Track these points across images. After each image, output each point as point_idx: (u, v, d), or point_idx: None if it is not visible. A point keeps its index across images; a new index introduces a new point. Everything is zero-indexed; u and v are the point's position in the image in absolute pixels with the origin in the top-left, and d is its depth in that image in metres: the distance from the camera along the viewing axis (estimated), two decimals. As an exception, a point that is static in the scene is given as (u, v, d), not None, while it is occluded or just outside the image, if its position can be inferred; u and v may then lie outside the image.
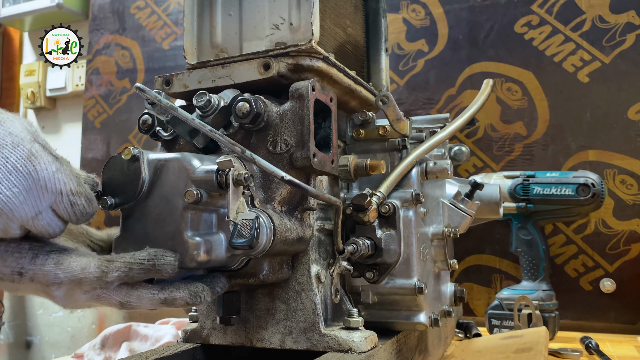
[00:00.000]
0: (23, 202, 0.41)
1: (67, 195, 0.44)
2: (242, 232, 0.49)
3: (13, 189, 0.40)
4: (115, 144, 1.78)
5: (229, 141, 0.50)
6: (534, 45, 1.29)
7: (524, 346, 0.85)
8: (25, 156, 0.41)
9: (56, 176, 0.43)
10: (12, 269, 0.45)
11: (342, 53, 0.73)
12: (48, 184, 0.42)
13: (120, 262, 0.45)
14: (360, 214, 0.64)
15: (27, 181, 0.41)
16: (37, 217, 0.43)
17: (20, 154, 0.41)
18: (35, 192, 0.42)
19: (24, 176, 0.41)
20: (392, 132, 0.68)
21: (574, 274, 1.21)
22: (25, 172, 0.41)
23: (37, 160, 0.42)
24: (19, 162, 0.41)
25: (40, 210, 0.43)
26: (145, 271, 0.46)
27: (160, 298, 0.48)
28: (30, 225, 0.44)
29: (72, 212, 0.45)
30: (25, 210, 0.42)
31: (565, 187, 1.09)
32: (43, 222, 0.44)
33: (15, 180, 0.40)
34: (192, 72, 0.63)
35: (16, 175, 0.41)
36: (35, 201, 0.42)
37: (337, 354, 0.58)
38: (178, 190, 0.50)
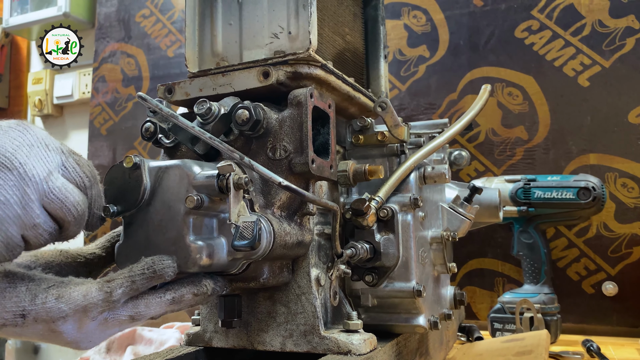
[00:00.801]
0: (29, 155, 0.42)
1: (70, 153, 0.46)
2: (244, 234, 0.50)
3: (15, 142, 0.42)
4: (121, 150, 1.80)
5: (228, 148, 0.52)
6: (535, 50, 1.30)
7: (524, 349, 0.86)
8: (17, 123, 0.44)
9: (51, 138, 0.45)
10: (13, 313, 0.44)
11: (341, 60, 0.74)
12: (47, 142, 0.44)
13: (121, 278, 0.46)
14: (359, 218, 0.65)
15: (25, 137, 0.43)
16: (51, 178, 0.43)
17: (13, 122, 0.44)
18: (38, 148, 0.43)
19: (21, 133, 0.43)
20: (390, 138, 0.69)
21: (575, 277, 1.21)
22: (21, 129, 0.43)
23: (28, 126, 0.44)
24: (13, 125, 0.43)
25: (49, 169, 0.43)
26: (148, 279, 0.47)
27: (168, 298, 0.49)
28: (48, 193, 0.43)
29: (81, 170, 0.47)
30: (34, 166, 0.42)
31: (566, 190, 1.09)
32: (59, 183, 0.44)
33: (15, 135, 0.42)
34: (194, 81, 0.64)
35: (14, 132, 0.43)
36: (42, 157, 0.43)
37: (336, 357, 0.59)
38: (179, 196, 0.51)
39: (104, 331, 0.48)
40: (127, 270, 0.47)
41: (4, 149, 0.41)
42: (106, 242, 0.59)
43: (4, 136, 0.41)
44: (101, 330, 0.47)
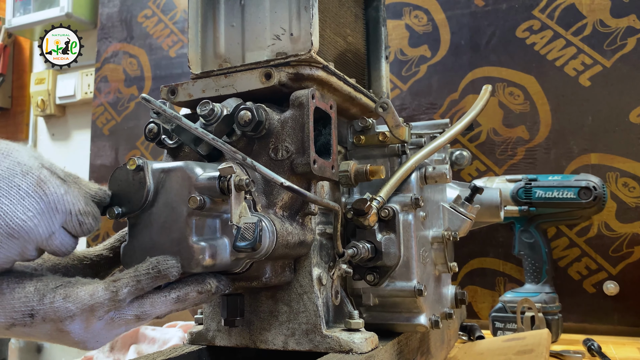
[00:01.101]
0: (37, 224, 0.44)
1: (76, 215, 0.47)
2: (245, 235, 0.50)
3: (27, 213, 0.43)
4: (124, 150, 1.81)
5: (230, 149, 0.52)
6: (536, 50, 1.30)
7: (525, 348, 0.86)
8: (35, 182, 0.44)
9: (65, 198, 0.46)
10: (22, 312, 0.45)
11: (343, 61, 0.74)
12: (58, 206, 0.45)
13: (127, 278, 0.47)
14: (361, 218, 0.65)
15: (39, 205, 0.44)
16: (51, 237, 0.46)
17: (30, 180, 0.44)
18: (47, 214, 0.44)
19: (35, 200, 0.43)
20: (391, 138, 0.70)
21: (577, 276, 1.21)
22: (36, 196, 0.44)
23: (46, 184, 0.44)
24: (30, 188, 0.43)
25: (53, 230, 0.45)
26: (153, 279, 0.48)
27: (173, 297, 0.50)
28: (45, 246, 0.46)
29: (81, 230, 0.48)
30: (39, 232, 0.44)
31: (567, 190, 1.10)
32: (57, 241, 0.47)
33: (28, 204, 0.43)
34: (197, 82, 0.65)
35: (28, 200, 0.43)
36: (48, 222, 0.45)
37: (338, 355, 0.60)
38: (182, 198, 0.52)
39: (111, 331, 0.48)
40: (132, 270, 0.48)
41: (17, 219, 0.43)
42: (114, 243, 0.59)
43: (19, 204, 0.43)
44: (108, 329, 0.48)
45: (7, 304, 0.45)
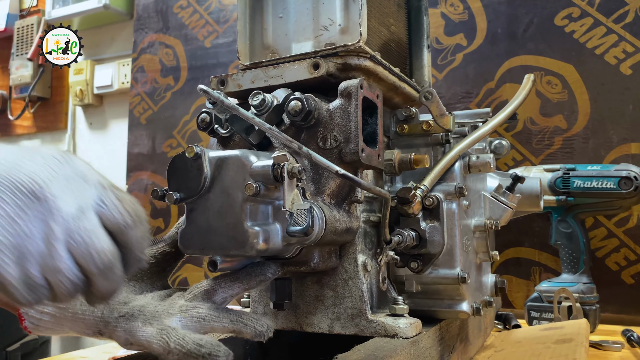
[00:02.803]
0: (63, 188, 0.39)
1: (111, 188, 0.42)
2: (298, 220, 0.52)
3: (51, 172, 0.39)
4: (161, 139, 1.85)
5: (286, 138, 0.54)
6: (575, 38, 1.28)
7: (564, 337, 0.87)
8: (59, 152, 0.42)
9: (92, 172, 0.42)
10: (93, 330, 0.52)
11: (386, 51, 0.75)
12: (87, 175, 0.41)
13: (179, 350, 0.49)
14: (405, 207, 0.66)
15: (64, 168, 0.40)
16: (81, 216, 0.39)
17: (55, 151, 0.42)
18: (75, 181, 0.40)
19: (60, 163, 0.40)
20: (435, 127, 0.71)
21: (615, 267, 1.20)
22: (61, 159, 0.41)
23: (72, 157, 0.42)
24: (54, 153, 0.41)
25: (82, 206, 0.39)
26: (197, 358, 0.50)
27: (238, 291, 0.56)
28: (75, 233, 0.38)
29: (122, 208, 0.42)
30: (65, 200, 0.38)
31: (606, 180, 1.09)
32: (88, 225, 0.39)
33: (53, 165, 0.40)
34: (246, 73, 0.66)
35: (53, 161, 0.40)
36: (77, 191, 0.40)
37: (384, 339, 0.61)
38: (237, 184, 0.54)
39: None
40: (191, 341, 0.49)
41: (37, 177, 0.37)
42: (174, 237, 0.61)
43: (42, 164, 0.38)
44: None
45: (81, 322, 0.52)
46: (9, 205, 0.35)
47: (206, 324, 0.53)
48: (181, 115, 1.81)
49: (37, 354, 1.59)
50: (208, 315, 0.53)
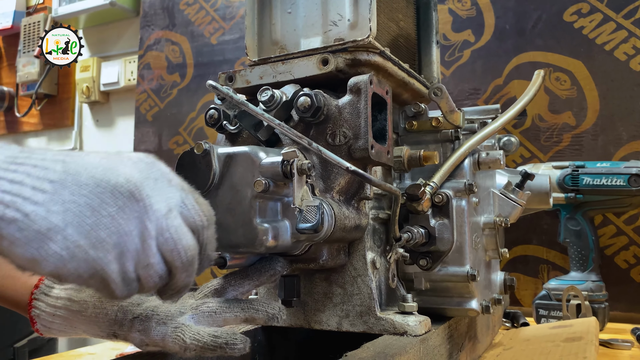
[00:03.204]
0: (154, 189, 0.41)
1: (191, 192, 0.44)
2: (308, 217, 0.52)
3: (144, 174, 0.41)
4: (167, 136, 1.85)
5: (296, 134, 0.53)
6: (584, 34, 1.27)
7: (573, 335, 0.86)
8: (145, 155, 0.43)
9: (176, 176, 0.44)
10: (107, 332, 0.53)
11: (395, 46, 0.74)
12: (171, 178, 0.43)
13: (196, 345, 0.49)
14: (414, 204, 0.66)
15: (152, 169, 0.42)
16: (170, 215, 0.41)
17: (142, 154, 0.43)
18: (162, 182, 0.42)
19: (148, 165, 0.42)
20: (445, 124, 0.70)
21: (624, 265, 1.19)
22: (149, 161, 0.43)
23: (156, 161, 0.43)
24: (142, 156, 0.43)
25: (170, 206, 0.42)
26: (217, 351, 0.49)
27: (249, 288, 0.56)
28: (165, 231, 0.41)
29: (201, 211, 0.44)
30: (158, 200, 0.40)
31: (616, 177, 1.08)
32: (176, 223, 0.42)
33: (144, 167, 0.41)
34: (254, 69, 0.66)
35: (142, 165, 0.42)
36: (165, 192, 0.42)
37: (393, 337, 0.61)
38: (246, 181, 0.54)
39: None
40: (207, 334, 0.49)
41: (134, 178, 0.39)
42: None
43: (133, 167, 0.40)
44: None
45: (95, 325, 0.53)
46: (111, 206, 0.37)
47: (218, 317, 0.52)
48: (187, 112, 1.81)
49: (45, 351, 1.59)
50: (219, 307, 0.52)
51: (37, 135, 2.34)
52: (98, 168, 0.38)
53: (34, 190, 0.35)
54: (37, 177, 0.35)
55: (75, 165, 0.37)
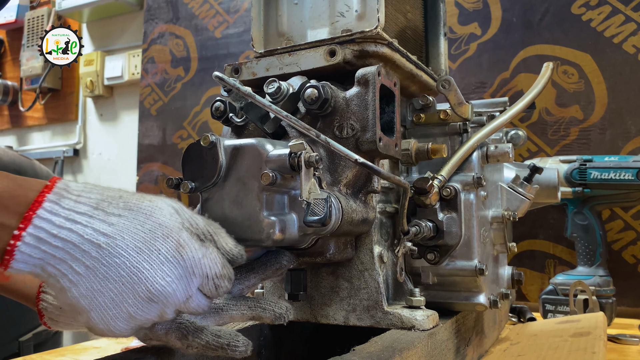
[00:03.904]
0: (176, 289, 0.44)
1: (213, 279, 0.46)
2: (315, 210, 0.51)
3: (166, 279, 0.43)
4: (171, 130, 1.84)
5: (304, 126, 0.53)
6: (592, 26, 1.26)
7: (581, 330, 0.85)
8: (175, 247, 0.44)
9: (202, 262, 0.45)
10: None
11: (403, 38, 0.74)
12: (196, 270, 0.45)
13: (198, 343, 0.49)
14: (422, 197, 0.65)
15: (177, 270, 0.44)
16: (189, 300, 0.46)
17: (170, 244, 0.44)
18: (185, 279, 0.44)
19: (174, 266, 0.44)
20: (453, 116, 0.69)
21: (632, 260, 1.19)
22: (175, 262, 0.44)
23: (184, 249, 0.44)
24: (169, 252, 0.44)
25: (190, 294, 0.45)
26: (218, 351, 0.49)
27: (255, 282, 0.55)
28: (182, 308, 0.46)
29: (217, 292, 0.48)
30: (177, 297, 0.44)
31: (624, 171, 1.07)
32: (193, 303, 0.46)
33: (167, 270, 0.43)
34: (260, 60, 0.65)
35: (168, 265, 0.43)
36: (186, 286, 0.45)
37: (400, 331, 0.60)
38: (253, 173, 0.53)
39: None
40: (211, 334, 0.49)
41: (157, 284, 0.43)
42: None
43: (159, 269, 0.44)
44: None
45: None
46: (132, 307, 0.43)
47: (225, 314, 0.52)
48: (192, 106, 1.80)
49: (50, 345, 1.59)
50: (225, 304, 0.52)
51: (41, 130, 2.34)
52: (124, 265, 0.42)
53: (72, 270, 0.42)
54: (75, 258, 0.42)
55: (108, 256, 0.42)
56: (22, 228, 0.40)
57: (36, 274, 0.42)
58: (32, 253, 0.41)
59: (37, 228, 0.41)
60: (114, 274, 0.42)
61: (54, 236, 0.41)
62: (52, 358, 1.00)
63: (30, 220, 0.41)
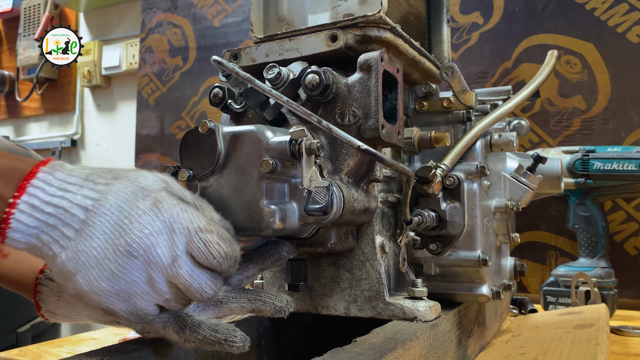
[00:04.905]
0: (155, 243, 0.43)
1: (197, 233, 0.45)
2: (317, 198, 0.50)
3: (144, 230, 0.43)
4: (169, 120, 1.83)
5: (305, 111, 0.51)
6: (596, 15, 1.24)
7: (584, 322, 0.84)
8: (152, 202, 0.44)
9: (181, 215, 0.44)
10: (110, 319, 0.51)
11: (406, 24, 0.72)
12: (175, 225, 0.44)
13: (195, 337, 0.48)
14: (425, 186, 0.64)
15: (154, 223, 0.43)
16: (175, 264, 0.44)
17: (148, 201, 0.44)
18: (165, 234, 0.44)
19: (151, 218, 0.43)
20: (456, 104, 0.68)
21: (634, 251, 1.18)
22: (152, 214, 0.44)
23: (161, 203, 0.44)
24: (147, 207, 0.44)
25: (175, 255, 0.44)
26: (215, 346, 0.48)
27: (254, 272, 0.54)
28: (173, 277, 0.44)
29: (208, 252, 0.45)
30: (159, 253, 0.43)
31: (627, 162, 1.06)
32: (183, 270, 0.44)
33: (144, 222, 0.43)
34: (260, 46, 0.64)
35: (145, 217, 0.43)
36: (168, 243, 0.44)
37: (402, 322, 0.60)
38: (253, 161, 0.51)
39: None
40: (208, 328, 0.47)
41: (134, 235, 0.43)
42: None
43: (136, 222, 0.43)
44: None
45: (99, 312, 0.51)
46: (112, 263, 0.43)
47: (224, 307, 0.51)
48: (190, 96, 1.78)
49: (48, 336, 1.59)
50: (225, 297, 0.51)
51: (38, 120, 2.32)
52: (107, 222, 0.43)
53: (62, 235, 0.42)
54: (66, 223, 0.42)
55: (94, 215, 0.43)
56: (16, 196, 0.42)
57: (32, 246, 0.43)
58: (27, 221, 0.42)
59: (31, 196, 0.42)
60: (97, 232, 0.43)
61: (47, 203, 0.42)
62: (49, 349, 0.99)
63: (25, 189, 0.42)
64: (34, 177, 0.42)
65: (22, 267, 0.59)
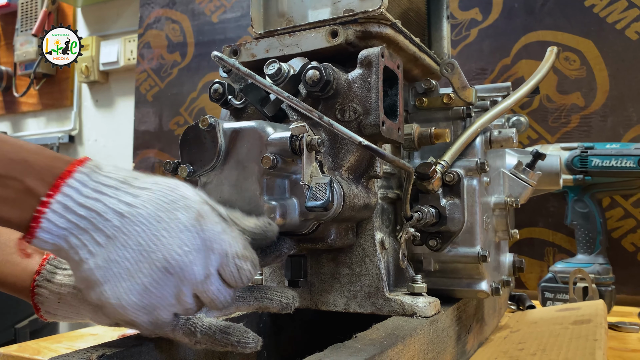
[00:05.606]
0: (193, 261, 0.42)
1: (233, 258, 0.44)
2: (317, 194, 0.50)
3: (184, 248, 0.42)
4: (167, 116, 1.82)
5: (306, 107, 0.51)
6: (595, 12, 1.24)
7: (582, 318, 0.85)
8: (195, 217, 0.43)
9: (222, 237, 0.44)
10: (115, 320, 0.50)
11: (406, 20, 0.72)
12: (215, 245, 0.43)
13: (207, 339, 0.47)
14: (425, 183, 0.64)
15: (195, 240, 0.42)
16: (207, 282, 0.44)
17: (190, 214, 0.43)
18: (203, 252, 0.43)
19: (193, 235, 0.42)
20: (456, 100, 0.68)
21: (631, 248, 1.18)
22: (194, 231, 0.42)
23: (204, 219, 0.43)
24: (189, 222, 0.42)
25: (208, 273, 0.44)
26: (227, 347, 0.48)
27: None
28: (201, 290, 0.44)
29: (239, 276, 0.45)
30: (194, 271, 0.42)
31: (626, 159, 1.06)
32: (213, 287, 0.44)
33: (185, 238, 0.42)
34: (260, 41, 0.64)
35: (187, 234, 0.42)
36: (204, 261, 0.43)
37: (402, 318, 0.60)
38: (253, 157, 0.52)
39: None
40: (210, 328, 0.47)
41: (174, 252, 0.42)
42: None
43: (177, 237, 0.42)
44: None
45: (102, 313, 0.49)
46: (146, 277, 0.42)
47: (231, 306, 0.51)
48: (188, 92, 1.78)
49: (46, 331, 1.59)
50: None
51: (35, 116, 2.31)
52: (142, 236, 0.41)
53: (93, 240, 0.41)
54: (97, 228, 0.41)
55: (129, 224, 0.41)
56: (50, 195, 0.40)
57: (57, 248, 0.41)
58: (59, 222, 0.40)
59: (66, 196, 0.40)
60: (132, 242, 0.41)
61: (80, 205, 0.40)
62: (48, 345, 0.99)
63: (59, 187, 0.40)
64: (69, 177, 0.41)
65: (16, 269, 0.57)
